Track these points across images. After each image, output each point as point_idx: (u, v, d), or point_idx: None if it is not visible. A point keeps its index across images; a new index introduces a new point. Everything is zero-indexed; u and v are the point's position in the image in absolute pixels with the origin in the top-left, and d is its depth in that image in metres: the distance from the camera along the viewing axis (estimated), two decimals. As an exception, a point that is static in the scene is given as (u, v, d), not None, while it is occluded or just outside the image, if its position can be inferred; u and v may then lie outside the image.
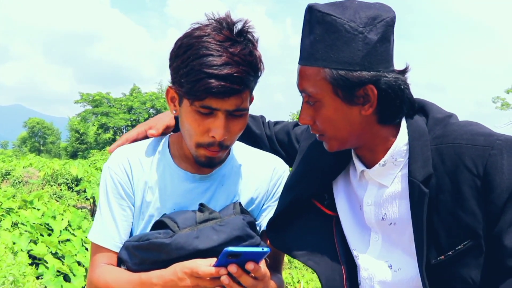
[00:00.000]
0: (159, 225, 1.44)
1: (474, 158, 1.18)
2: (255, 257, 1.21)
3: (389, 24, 1.22)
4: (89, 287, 1.51)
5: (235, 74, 1.25)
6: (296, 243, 1.50)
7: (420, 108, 1.36)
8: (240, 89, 1.28)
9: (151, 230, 1.47)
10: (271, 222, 1.51)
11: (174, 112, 1.43)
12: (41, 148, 67.84)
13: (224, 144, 1.37)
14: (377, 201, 1.37)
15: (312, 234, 1.51)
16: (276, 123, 1.79)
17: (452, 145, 1.23)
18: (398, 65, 1.29)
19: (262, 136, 1.74)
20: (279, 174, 1.59)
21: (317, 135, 1.36)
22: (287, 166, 1.63)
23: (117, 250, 1.48)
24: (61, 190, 12.16)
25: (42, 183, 12.54)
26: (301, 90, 1.30)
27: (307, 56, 1.26)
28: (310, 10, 1.25)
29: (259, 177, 1.57)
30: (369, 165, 1.38)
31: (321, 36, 1.22)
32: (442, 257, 1.23)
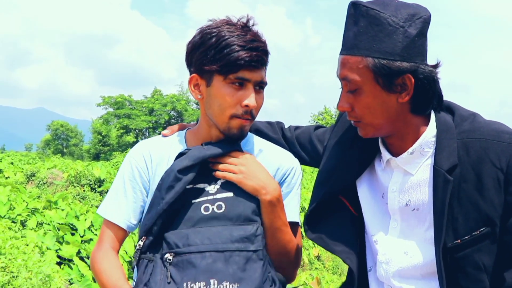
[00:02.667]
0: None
1: (499, 152, 1.30)
2: None
3: (426, 21, 1.34)
4: (90, 261, 1.61)
5: (261, 48, 1.49)
6: (329, 237, 1.59)
7: (446, 107, 1.47)
8: (265, 61, 1.52)
9: None
10: (306, 216, 1.62)
11: (199, 97, 1.56)
12: (64, 150, 68.74)
13: (253, 114, 1.54)
14: (402, 188, 1.46)
15: (343, 228, 1.60)
16: (297, 127, 1.86)
17: (478, 139, 1.34)
18: (428, 61, 1.39)
19: (279, 140, 1.81)
20: (288, 165, 1.66)
21: (353, 121, 1.46)
22: (295, 161, 1.69)
23: (126, 227, 1.58)
24: (84, 191, 12.34)
25: (66, 184, 12.73)
26: (342, 78, 1.39)
27: (351, 46, 1.36)
28: (354, 5, 1.36)
29: (269, 165, 1.62)
30: (396, 153, 1.47)
31: (365, 28, 1.33)
32: (459, 241, 1.33)
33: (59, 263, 5.32)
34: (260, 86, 1.53)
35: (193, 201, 1.49)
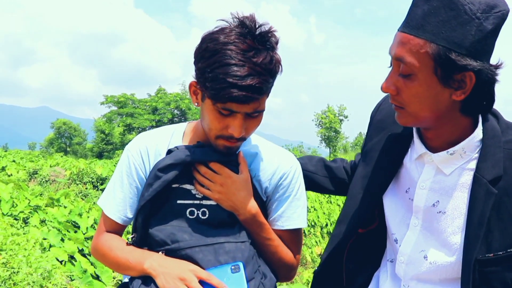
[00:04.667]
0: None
1: None
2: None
3: (504, 18, 1.20)
4: (92, 251, 1.63)
5: (257, 85, 1.34)
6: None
7: (491, 112, 1.37)
8: (259, 97, 1.38)
9: None
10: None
11: (196, 104, 1.50)
12: (68, 149, 68.86)
13: (241, 138, 1.46)
14: (433, 187, 1.38)
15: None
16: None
17: None
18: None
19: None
20: (285, 169, 1.62)
21: (394, 105, 1.35)
22: (295, 164, 1.66)
23: (121, 222, 1.58)
24: (86, 188, 12.35)
25: (68, 182, 12.76)
26: (397, 58, 1.26)
27: (416, 25, 1.21)
28: None
29: (265, 168, 1.61)
30: (432, 148, 1.38)
31: (437, 9, 1.18)
32: (491, 255, 1.25)
33: (61, 260, 5.31)
34: (252, 115, 1.44)
35: (178, 202, 1.50)
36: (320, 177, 1.85)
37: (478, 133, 1.31)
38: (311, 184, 1.84)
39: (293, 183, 1.62)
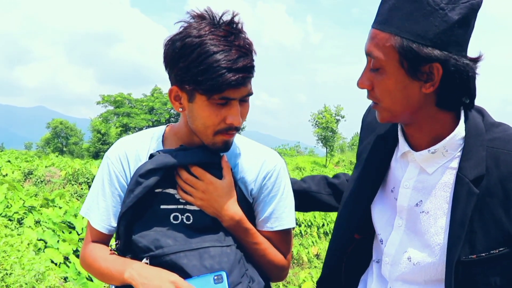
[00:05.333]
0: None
1: None
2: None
3: (474, 8, 1.18)
4: (81, 262, 1.63)
5: (249, 65, 1.37)
6: None
7: (476, 108, 1.34)
8: (252, 77, 1.41)
9: None
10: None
11: (180, 109, 1.48)
12: (64, 149, 68.77)
13: (239, 127, 1.45)
14: (416, 186, 1.37)
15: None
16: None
17: (511, 153, 1.23)
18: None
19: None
20: (268, 168, 1.59)
21: (372, 103, 1.36)
22: (280, 162, 1.63)
23: (106, 232, 1.57)
24: (82, 189, 12.33)
25: (63, 182, 12.72)
26: (368, 53, 1.28)
27: (382, 20, 1.24)
28: None
29: (249, 169, 1.59)
30: (415, 146, 1.37)
31: (401, 3, 1.20)
32: (474, 256, 1.24)
33: (56, 262, 5.28)
34: (245, 99, 1.44)
35: (162, 207, 1.48)
36: (325, 195, 1.85)
37: (460, 131, 1.28)
38: (318, 204, 1.84)
39: (278, 182, 1.59)
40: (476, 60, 1.22)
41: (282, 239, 1.60)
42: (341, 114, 57.48)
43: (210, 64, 1.32)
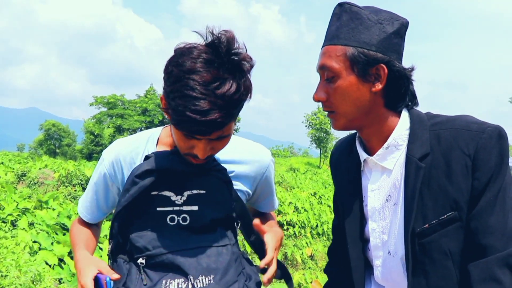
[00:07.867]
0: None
1: (468, 140, 1.35)
2: None
3: (404, 25, 1.43)
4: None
5: (219, 120, 1.27)
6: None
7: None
8: (222, 128, 1.32)
9: None
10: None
11: (167, 118, 1.47)
12: (57, 150, 68.41)
13: (208, 157, 1.44)
14: (382, 185, 1.50)
15: None
16: None
17: (449, 129, 1.40)
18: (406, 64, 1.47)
19: None
20: (263, 170, 1.69)
21: (327, 114, 1.50)
22: (269, 155, 1.73)
23: (89, 221, 1.74)
24: (75, 190, 12.27)
25: (57, 184, 12.66)
26: (321, 67, 1.45)
27: (332, 38, 1.44)
28: (340, 5, 1.46)
29: (246, 178, 1.65)
30: (373, 151, 1.51)
31: (346, 22, 1.42)
32: (427, 225, 1.38)
33: (50, 263, 5.27)
34: (218, 139, 1.38)
35: (158, 209, 1.49)
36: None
37: (405, 122, 1.46)
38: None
39: (270, 173, 1.73)
40: (410, 70, 1.45)
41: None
42: (335, 115, 57.25)
43: (178, 106, 1.27)
